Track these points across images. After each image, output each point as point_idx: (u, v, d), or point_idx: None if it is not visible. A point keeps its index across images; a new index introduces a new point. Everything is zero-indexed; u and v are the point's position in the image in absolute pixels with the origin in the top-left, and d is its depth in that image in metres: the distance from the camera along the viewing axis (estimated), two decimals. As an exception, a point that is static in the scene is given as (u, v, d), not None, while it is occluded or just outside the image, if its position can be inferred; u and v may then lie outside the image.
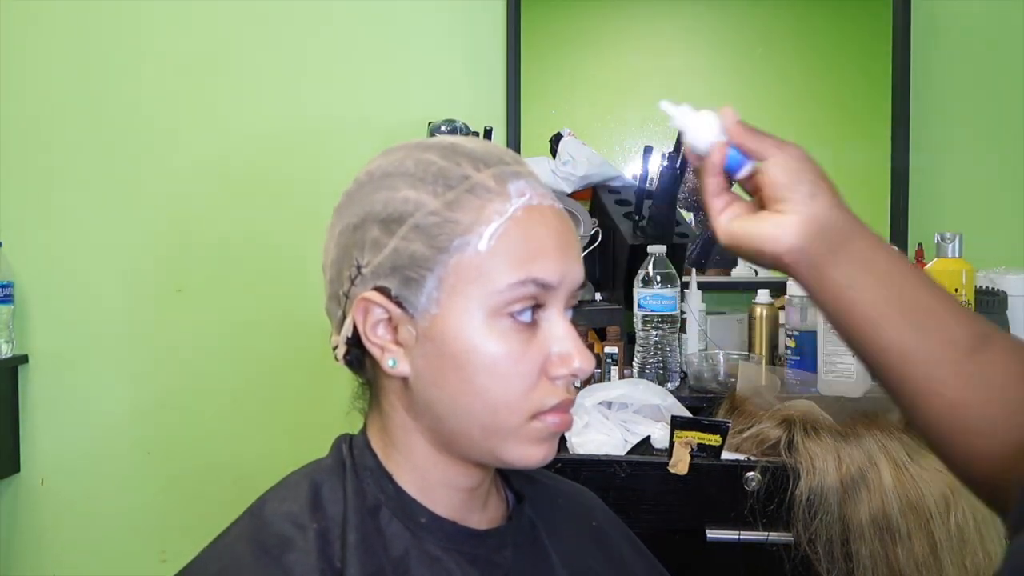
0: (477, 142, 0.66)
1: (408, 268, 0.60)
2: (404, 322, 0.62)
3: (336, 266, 0.65)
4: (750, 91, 1.85)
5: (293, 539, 0.60)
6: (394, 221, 0.61)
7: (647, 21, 1.88)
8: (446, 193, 0.61)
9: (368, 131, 1.89)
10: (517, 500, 0.73)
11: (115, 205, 1.95)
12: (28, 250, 1.95)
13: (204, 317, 1.94)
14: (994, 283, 1.46)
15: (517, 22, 1.83)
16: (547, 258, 0.61)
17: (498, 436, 0.61)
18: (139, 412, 1.95)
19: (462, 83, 1.89)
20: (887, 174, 1.76)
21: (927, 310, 0.57)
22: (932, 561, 1.03)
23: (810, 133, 1.83)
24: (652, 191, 1.55)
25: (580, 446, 1.17)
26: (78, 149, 1.95)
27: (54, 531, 1.97)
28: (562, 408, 0.62)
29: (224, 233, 1.93)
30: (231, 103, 1.93)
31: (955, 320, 0.57)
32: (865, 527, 1.04)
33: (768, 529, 1.08)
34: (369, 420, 0.69)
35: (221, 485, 1.90)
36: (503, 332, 0.60)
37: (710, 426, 1.11)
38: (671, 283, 1.40)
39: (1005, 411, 0.54)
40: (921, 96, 1.77)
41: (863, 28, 1.81)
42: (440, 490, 0.65)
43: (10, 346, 1.91)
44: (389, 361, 0.62)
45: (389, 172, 0.63)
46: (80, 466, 1.96)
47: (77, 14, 1.94)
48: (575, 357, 0.62)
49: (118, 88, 1.94)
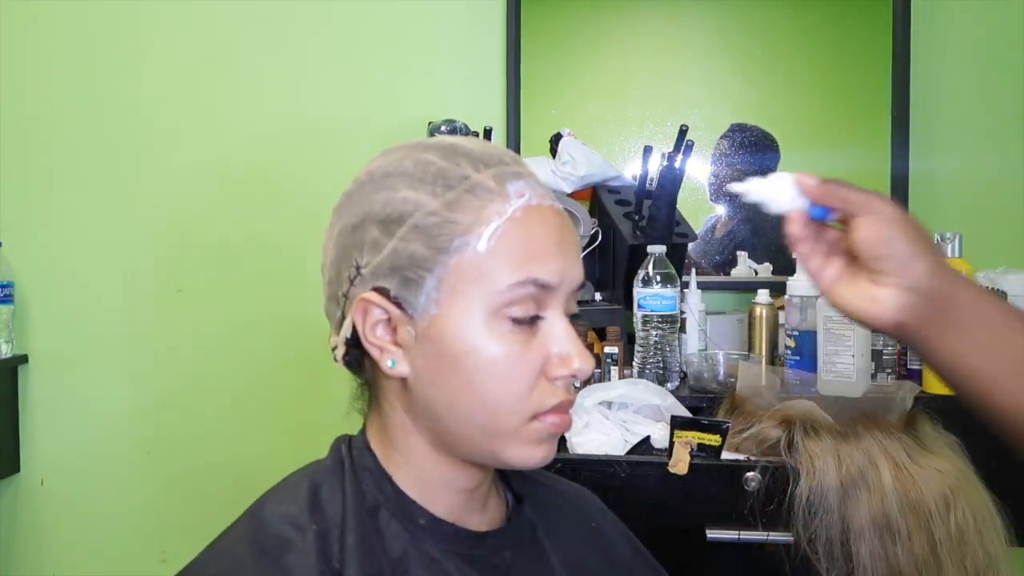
0: (476, 142, 0.66)
1: (407, 269, 0.60)
2: (403, 323, 0.62)
3: (335, 266, 0.65)
4: (750, 91, 1.85)
5: (292, 540, 0.60)
6: (393, 222, 0.61)
7: (647, 21, 1.88)
8: (446, 193, 0.61)
9: (368, 131, 1.89)
10: (516, 501, 0.73)
11: (115, 205, 1.95)
12: (28, 250, 1.95)
13: (204, 317, 1.94)
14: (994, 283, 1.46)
15: (517, 22, 1.82)
16: (547, 258, 0.61)
17: (497, 437, 0.61)
18: (139, 412, 1.95)
19: (462, 83, 1.89)
20: (887, 174, 1.75)
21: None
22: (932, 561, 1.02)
23: (810, 134, 1.83)
24: (652, 191, 1.55)
25: (580, 446, 1.17)
26: (78, 149, 1.95)
27: (54, 531, 1.97)
28: (561, 409, 0.62)
29: (224, 233, 1.93)
30: (231, 103, 1.93)
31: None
32: (865, 527, 1.04)
33: (768, 529, 1.08)
34: (368, 421, 0.69)
35: (221, 485, 1.90)
36: (503, 333, 0.60)
37: (710, 426, 1.11)
38: (671, 283, 1.40)
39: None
40: (921, 96, 1.77)
41: (863, 29, 1.81)
42: (439, 491, 0.65)
43: (10, 346, 1.91)
44: (388, 362, 0.62)
45: (389, 172, 0.63)
46: (80, 466, 1.96)
47: (77, 14, 1.94)
48: (575, 358, 0.62)
49: (118, 88, 1.94)
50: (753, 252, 1.81)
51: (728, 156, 1.82)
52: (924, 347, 0.59)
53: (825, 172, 0.62)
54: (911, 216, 0.60)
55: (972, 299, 0.59)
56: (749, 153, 1.81)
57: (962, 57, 1.79)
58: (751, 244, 1.82)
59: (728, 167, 1.82)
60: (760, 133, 1.81)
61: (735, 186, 0.66)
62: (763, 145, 1.80)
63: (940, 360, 0.59)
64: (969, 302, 0.59)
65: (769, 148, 1.80)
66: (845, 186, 0.61)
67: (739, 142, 1.81)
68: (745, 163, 1.81)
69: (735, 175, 1.82)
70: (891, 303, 0.59)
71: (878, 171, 1.76)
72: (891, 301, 0.59)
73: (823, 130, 1.85)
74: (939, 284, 0.58)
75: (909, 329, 0.59)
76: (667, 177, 1.51)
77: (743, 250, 1.81)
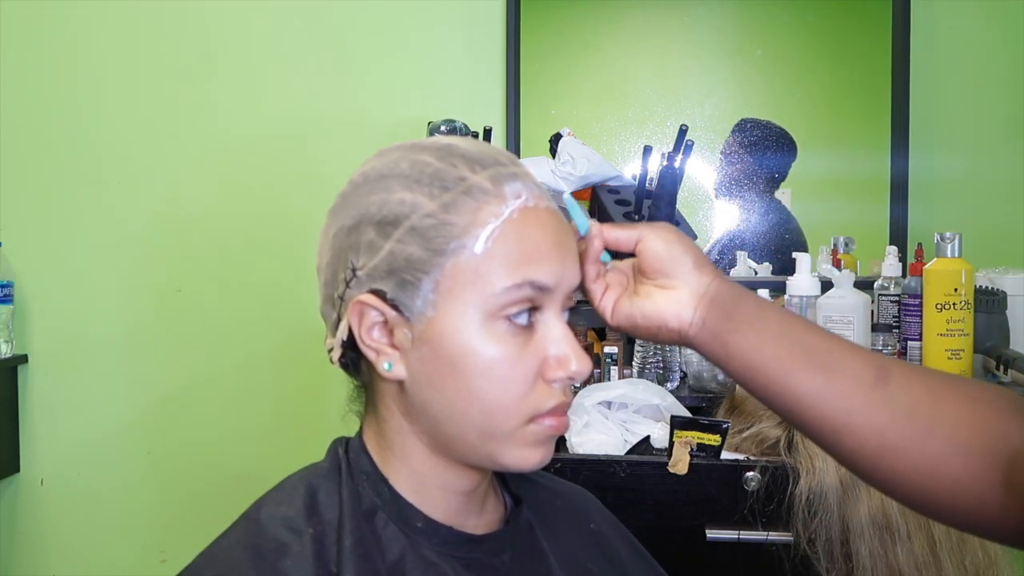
0: (472, 143, 0.66)
1: (404, 271, 0.60)
2: (400, 325, 0.61)
3: (331, 268, 0.65)
4: (750, 92, 1.85)
5: (289, 544, 0.60)
6: (389, 223, 0.61)
7: (647, 21, 1.88)
8: (442, 195, 0.60)
9: (367, 131, 1.89)
10: (515, 502, 0.73)
11: (115, 205, 1.94)
12: (28, 250, 1.95)
13: (204, 317, 1.94)
14: (994, 283, 1.46)
15: (517, 22, 1.82)
16: (544, 260, 0.61)
17: (495, 439, 0.61)
18: (139, 412, 1.95)
19: (461, 83, 1.89)
20: (887, 174, 1.75)
21: (826, 352, 0.63)
22: (932, 561, 1.03)
23: (810, 134, 1.82)
24: (652, 191, 1.55)
25: (580, 446, 1.17)
26: (78, 149, 1.95)
27: (54, 531, 1.97)
28: (559, 411, 0.62)
29: (224, 233, 1.93)
30: (231, 103, 1.93)
31: (853, 357, 0.63)
32: (865, 527, 1.04)
33: (768, 529, 1.08)
34: (365, 423, 0.69)
35: (221, 485, 1.90)
36: (500, 335, 0.60)
37: (710, 426, 1.11)
38: (671, 283, 1.40)
39: (918, 428, 0.60)
40: (921, 96, 1.77)
41: (863, 29, 1.81)
42: (436, 493, 0.65)
43: (10, 346, 1.91)
44: (385, 364, 0.62)
45: (384, 174, 0.63)
46: (80, 466, 1.96)
47: (77, 14, 1.93)
48: (572, 360, 0.61)
49: (118, 88, 1.94)
50: (753, 252, 1.81)
51: (738, 152, 1.81)
52: (719, 343, 0.65)
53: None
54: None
55: (756, 302, 0.66)
56: (763, 152, 1.80)
57: (962, 57, 1.79)
58: (751, 244, 1.82)
59: (739, 163, 1.81)
60: (778, 131, 1.80)
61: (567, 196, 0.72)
62: (781, 144, 1.80)
63: (735, 357, 0.64)
64: (754, 304, 0.66)
65: (786, 147, 1.80)
66: (619, 227, 0.69)
67: (752, 140, 1.80)
68: (758, 161, 1.80)
69: (742, 172, 1.81)
70: (689, 301, 0.65)
71: (878, 171, 1.76)
72: (689, 300, 0.65)
73: (823, 130, 1.85)
74: (727, 287, 0.66)
75: (706, 327, 0.65)
76: (667, 177, 1.51)
77: (743, 250, 1.81)
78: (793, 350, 0.63)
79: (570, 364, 0.61)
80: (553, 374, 0.61)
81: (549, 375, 0.61)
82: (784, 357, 0.63)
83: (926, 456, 0.59)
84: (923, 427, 0.59)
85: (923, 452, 0.59)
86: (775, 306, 0.67)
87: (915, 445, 0.59)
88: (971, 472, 0.58)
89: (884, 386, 0.61)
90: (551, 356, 0.62)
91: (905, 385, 0.61)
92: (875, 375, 0.61)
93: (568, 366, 0.61)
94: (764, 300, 0.68)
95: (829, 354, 0.63)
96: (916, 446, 0.59)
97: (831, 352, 0.63)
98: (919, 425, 0.59)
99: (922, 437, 0.59)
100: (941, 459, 0.59)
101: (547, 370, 0.61)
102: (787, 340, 0.63)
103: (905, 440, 0.59)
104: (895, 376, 0.61)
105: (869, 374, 0.61)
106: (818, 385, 0.62)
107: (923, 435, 0.59)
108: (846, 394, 0.61)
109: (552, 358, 0.62)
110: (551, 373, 0.61)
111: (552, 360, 0.62)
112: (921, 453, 0.59)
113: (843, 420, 0.61)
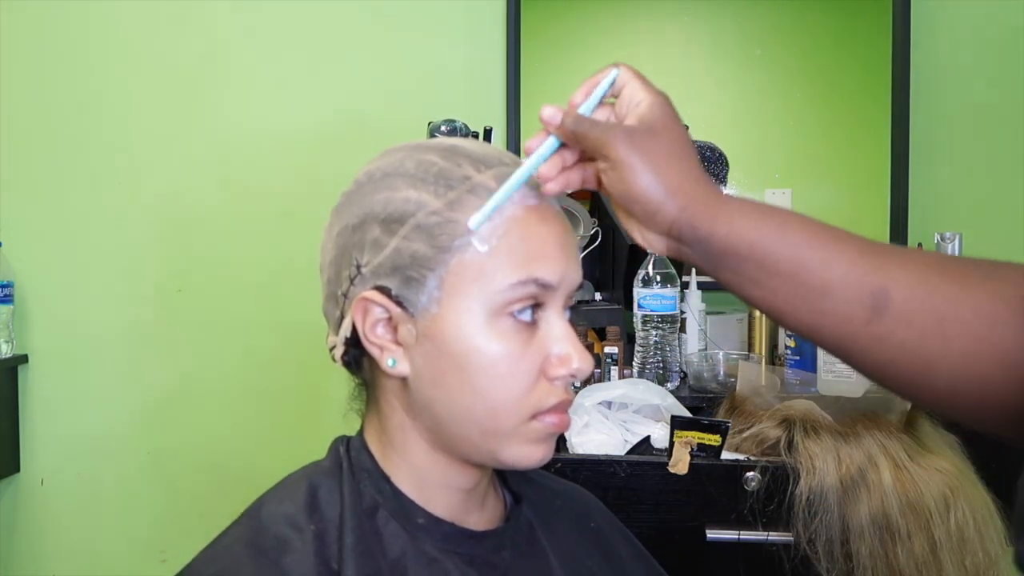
0: (475, 143, 0.66)
1: (409, 268, 0.60)
2: (404, 322, 0.62)
3: (334, 266, 0.65)
4: (750, 91, 1.85)
5: (290, 541, 0.60)
6: (395, 221, 0.61)
7: (647, 21, 1.88)
8: (447, 193, 0.61)
9: (368, 130, 1.89)
10: (515, 501, 0.73)
11: (115, 205, 1.95)
12: (28, 250, 1.95)
13: (204, 317, 1.94)
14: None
15: (517, 22, 1.83)
16: (548, 258, 0.61)
17: (497, 436, 0.61)
18: (139, 412, 1.95)
19: (462, 83, 1.89)
20: (887, 174, 1.76)
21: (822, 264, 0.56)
22: (932, 561, 1.02)
23: (810, 133, 1.83)
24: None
25: (580, 446, 1.17)
26: (78, 149, 1.95)
27: (54, 531, 1.97)
28: (560, 408, 0.62)
29: (224, 233, 1.93)
30: (231, 103, 1.93)
31: (847, 281, 0.55)
32: (865, 527, 1.04)
33: (768, 529, 1.08)
34: (367, 421, 0.69)
35: (221, 485, 1.90)
36: (503, 332, 0.60)
37: (710, 426, 1.11)
38: (671, 283, 1.40)
39: (919, 365, 0.55)
40: (921, 96, 1.77)
41: (863, 28, 1.81)
42: (438, 491, 0.65)
43: (10, 346, 1.91)
44: (389, 361, 0.62)
45: (389, 173, 0.63)
46: (80, 466, 1.96)
47: (77, 14, 1.94)
48: (574, 358, 0.62)
49: (118, 88, 1.94)
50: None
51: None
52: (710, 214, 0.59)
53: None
54: (654, 137, 0.59)
55: (725, 232, 0.58)
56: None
57: (962, 56, 1.79)
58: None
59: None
60: (706, 147, 1.81)
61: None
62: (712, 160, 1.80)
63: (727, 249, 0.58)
64: (726, 234, 0.58)
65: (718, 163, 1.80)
66: (584, 123, 0.62)
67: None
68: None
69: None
70: (659, 243, 0.61)
71: (878, 171, 1.76)
72: (658, 243, 0.61)
73: (823, 130, 1.85)
74: (692, 223, 0.58)
75: (684, 256, 0.61)
76: (667, 177, 1.51)
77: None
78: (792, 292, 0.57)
79: (572, 362, 0.61)
80: (555, 372, 0.62)
81: (551, 373, 0.62)
82: (780, 303, 0.58)
83: (934, 391, 0.55)
84: (924, 364, 0.54)
85: (930, 388, 0.55)
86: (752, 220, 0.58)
87: (920, 380, 0.55)
88: (985, 403, 0.53)
89: (880, 319, 0.55)
90: (553, 354, 0.62)
91: (906, 315, 0.54)
92: (870, 305, 0.55)
93: (570, 364, 0.61)
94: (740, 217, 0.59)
95: (824, 290, 0.56)
96: (921, 381, 0.55)
97: (826, 266, 0.56)
98: (920, 361, 0.54)
99: (924, 373, 0.55)
100: (951, 395, 0.55)
101: (549, 368, 0.62)
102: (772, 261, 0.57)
103: (907, 376, 0.56)
104: (894, 303, 0.55)
105: (863, 305, 0.55)
106: (811, 322, 0.57)
107: (925, 372, 0.55)
108: (837, 335, 0.57)
109: (554, 356, 0.62)
110: (553, 371, 0.62)
111: (554, 358, 0.62)
112: (929, 388, 0.55)
113: (840, 354, 0.58)
